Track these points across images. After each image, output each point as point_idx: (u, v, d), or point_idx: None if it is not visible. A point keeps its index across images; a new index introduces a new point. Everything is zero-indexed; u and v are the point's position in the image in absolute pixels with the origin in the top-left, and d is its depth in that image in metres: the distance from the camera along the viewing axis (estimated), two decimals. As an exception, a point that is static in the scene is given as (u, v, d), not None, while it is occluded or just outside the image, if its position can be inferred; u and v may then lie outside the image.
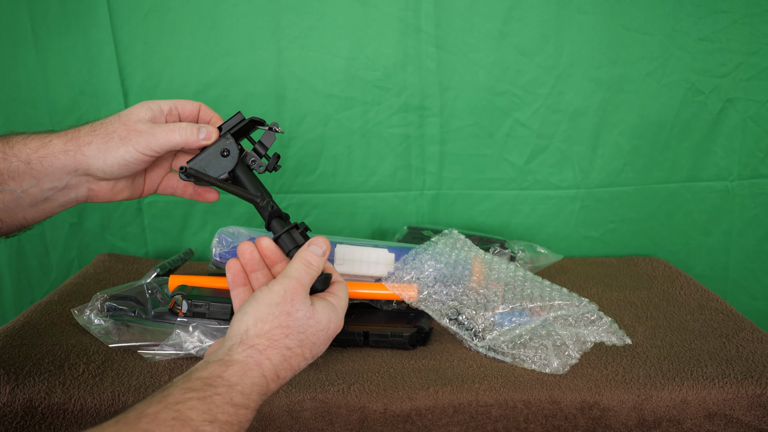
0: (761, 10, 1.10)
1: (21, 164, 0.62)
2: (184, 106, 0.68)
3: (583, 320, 0.83)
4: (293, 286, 0.58)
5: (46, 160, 0.63)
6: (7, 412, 0.69)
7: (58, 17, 1.07)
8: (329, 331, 0.59)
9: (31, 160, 0.62)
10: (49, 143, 0.63)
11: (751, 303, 1.25)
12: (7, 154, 0.62)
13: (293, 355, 0.56)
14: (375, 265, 0.90)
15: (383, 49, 1.11)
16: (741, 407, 0.73)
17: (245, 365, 0.52)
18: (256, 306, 0.56)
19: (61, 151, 0.63)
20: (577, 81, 1.12)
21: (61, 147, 0.63)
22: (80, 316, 0.84)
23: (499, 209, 1.20)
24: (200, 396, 0.48)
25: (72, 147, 0.63)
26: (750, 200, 1.19)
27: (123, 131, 0.63)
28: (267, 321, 0.55)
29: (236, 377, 0.51)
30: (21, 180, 0.63)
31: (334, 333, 0.60)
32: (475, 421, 0.72)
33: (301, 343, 0.56)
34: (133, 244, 1.20)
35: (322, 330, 0.58)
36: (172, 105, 0.67)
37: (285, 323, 0.56)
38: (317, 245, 0.62)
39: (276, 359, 0.54)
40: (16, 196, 0.63)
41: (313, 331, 0.57)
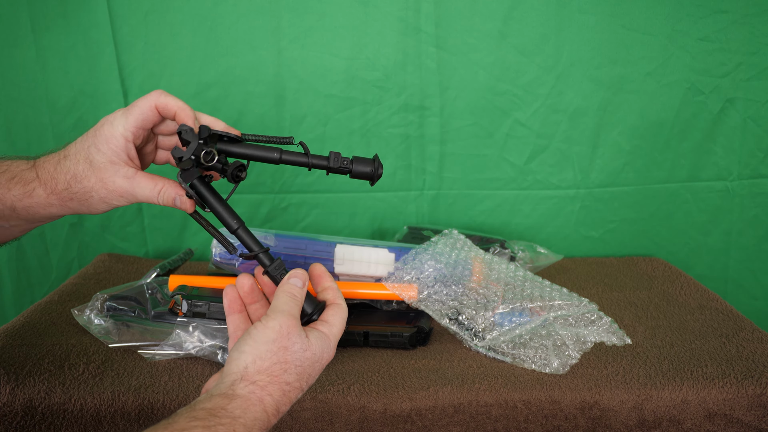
0: (761, 10, 1.10)
1: (5, 209, 0.62)
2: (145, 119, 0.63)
3: (583, 320, 0.83)
4: (288, 321, 0.58)
5: (32, 209, 0.63)
6: (7, 412, 0.69)
7: (58, 17, 1.07)
8: (322, 360, 0.60)
9: (17, 208, 0.62)
10: (33, 193, 0.62)
11: (751, 303, 1.25)
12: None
13: (292, 389, 0.56)
14: (375, 265, 0.90)
15: (383, 49, 1.11)
16: (741, 407, 0.73)
17: (248, 400, 0.53)
18: (253, 344, 0.57)
19: (45, 203, 0.63)
20: (577, 81, 1.12)
21: (44, 199, 0.62)
22: (80, 316, 0.84)
23: (499, 209, 1.20)
24: (205, 425, 0.49)
25: (54, 201, 0.62)
26: (750, 200, 1.19)
27: (102, 191, 0.62)
28: (266, 358, 0.56)
29: (239, 410, 0.52)
30: (8, 219, 0.63)
31: (327, 362, 0.61)
32: (475, 421, 0.72)
33: (299, 377, 0.57)
34: (133, 244, 1.20)
35: (317, 361, 0.59)
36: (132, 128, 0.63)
37: (283, 359, 0.56)
38: (297, 278, 0.63)
39: (277, 395, 0.55)
40: (5, 228, 0.65)
41: (310, 363, 0.58)
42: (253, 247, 0.64)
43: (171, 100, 0.64)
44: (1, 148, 1.12)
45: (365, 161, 0.65)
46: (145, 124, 0.63)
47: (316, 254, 0.90)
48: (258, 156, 0.65)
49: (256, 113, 1.13)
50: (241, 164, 0.64)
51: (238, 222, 0.64)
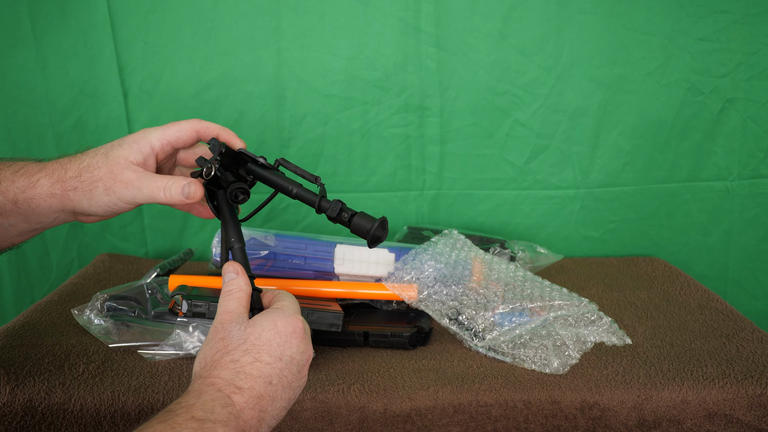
0: (761, 10, 1.10)
1: (8, 203, 0.62)
2: (179, 138, 0.66)
3: (583, 320, 0.83)
4: (222, 318, 0.58)
5: (33, 202, 0.62)
6: (7, 412, 0.69)
7: (58, 17, 1.07)
8: (279, 328, 0.57)
9: (18, 200, 0.62)
10: (36, 183, 0.62)
11: (751, 303, 1.25)
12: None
13: (245, 365, 0.54)
14: (375, 265, 0.90)
15: (383, 49, 1.11)
16: (741, 407, 0.73)
17: (199, 390, 0.53)
18: (198, 353, 0.58)
19: (48, 193, 0.62)
20: (577, 81, 1.12)
21: (47, 189, 0.62)
22: (80, 316, 0.84)
23: (499, 209, 1.20)
24: (161, 420, 0.49)
25: (58, 190, 0.62)
26: (750, 200, 1.19)
27: (108, 181, 0.62)
28: (207, 355, 0.56)
29: (193, 399, 0.51)
30: (8, 216, 0.63)
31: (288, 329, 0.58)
32: (475, 421, 0.72)
33: (247, 351, 0.55)
34: (133, 244, 1.20)
35: (267, 331, 0.57)
36: (164, 141, 0.65)
37: (222, 346, 0.56)
38: (227, 272, 0.62)
39: (226, 374, 0.54)
40: (4, 228, 0.64)
41: (255, 336, 0.56)
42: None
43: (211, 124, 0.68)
44: (1, 148, 1.12)
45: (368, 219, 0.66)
46: (178, 142, 0.66)
47: (316, 254, 0.90)
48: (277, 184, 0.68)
49: (256, 113, 1.13)
50: (241, 187, 0.66)
51: (239, 241, 0.65)
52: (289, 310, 0.60)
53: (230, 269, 0.62)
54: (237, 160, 0.68)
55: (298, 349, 0.58)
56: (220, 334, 0.57)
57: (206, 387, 0.53)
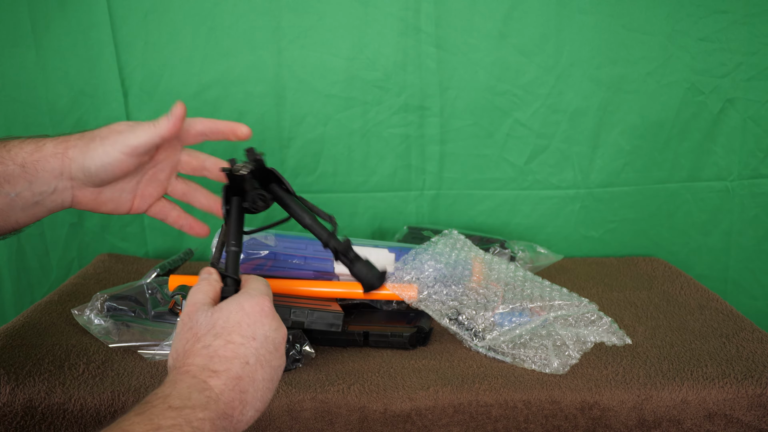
0: (761, 10, 1.10)
1: (17, 167, 0.64)
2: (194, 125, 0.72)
3: (583, 320, 0.83)
4: (188, 310, 0.58)
5: (39, 164, 0.65)
6: (7, 412, 0.69)
7: (58, 17, 1.07)
8: (246, 309, 0.56)
9: (26, 164, 0.64)
10: (43, 146, 0.65)
11: (751, 303, 1.25)
12: (4, 158, 0.64)
13: (218, 348, 0.53)
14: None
15: (383, 49, 1.11)
16: (741, 407, 0.73)
17: (174, 380, 0.52)
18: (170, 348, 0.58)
19: (52, 154, 0.65)
20: (577, 81, 1.12)
21: (51, 150, 0.65)
22: (80, 316, 0.84)
23: (499, 209, 1.20)
24: (138, 412, 0.48)
25: (60, 149, 0.65)
26: (750, 200, 1.19)
27: (105, 131, 0.66)
28: (179, 347, 0.55)
29: (168, 389, 0.51)
30: (15, 183, 0.64)
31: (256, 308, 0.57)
32: (475, 421, 0.72)
33: (217, 335, 0.54)
34: (133, 244, 1.20)
35: (235, 313, 0.56)
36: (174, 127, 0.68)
37: (191, 335, 0.55)
38: (201, 273, 0.63)
39: (199, 360, 0.53)
40: (10, 199, 0.65)
41: (224, 319, 0.55)
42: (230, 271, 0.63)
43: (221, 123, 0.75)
44: (1, 148, 1.12)
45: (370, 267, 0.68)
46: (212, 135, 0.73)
47: (316, 254, 0.90)
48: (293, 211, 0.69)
49: (256, 113, 1.13)
50: (262, 194, 0.66)
51: (237, 246, 0.65)
52: (255, 291, 0.59)
53: (204, 270, 0.63)
54: (266, 177, 0.70)
55: (271, 326, 0.57)
56: (188, 324, 0.56)
57: (181, 375, 0.52)
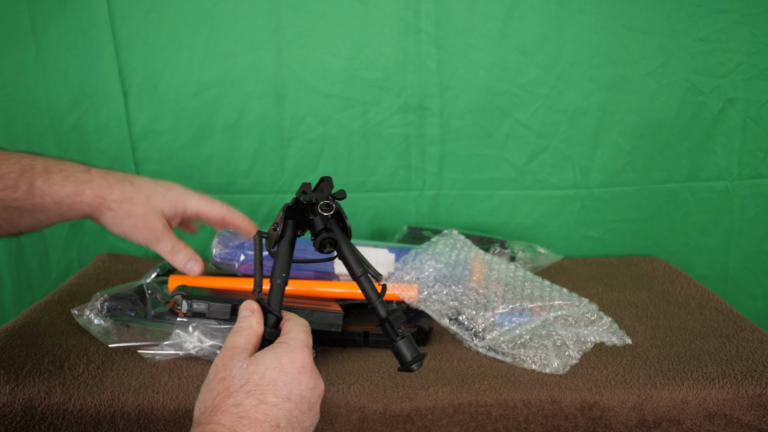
0: (761, 10, 1.10)
1: (53, 203, 0.69)
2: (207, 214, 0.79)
3: (583, 320, 0.83)
4: (224, 355, 0.55)
5: (74, 207, 0.71)
6: (7, 412, 0.69)
7: (58, 17, 1.07)
8: (284, 366, 0.53)
9: (62, 204, 0.70)
10: (82, 193, 0.71)
11: (751, 303, 1.25)
12: (45, 192, 0.69)
13: (249, 408, 0.50)
14: (376, 266, 0.89)
15: (383, 49, 1.11)
16: (741, 407, 0.73)
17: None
18: (200, 394, 0.54)
19: (88, 203, 0.71)
20: (577, 81, 1.12)
21: (89, 199, 0.71)
22: (80, 316, 0.84)
23: (499, 209, 1.20)
24: None
25: (96, 203, 0.71)
26: (750, 200, 1.19)
27: (141, 222, 0.73)
28: (208, 399, 0.52)
29: None
30: (48, 213, 0.70)
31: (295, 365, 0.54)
32: (475, 421, 0.72)
33: (250, 393, 0.51)
34: (133, 244, 1.18)
35: (272, 369, 0.53)
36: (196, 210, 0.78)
37: (223, 388, 0.52)
38: (243, 309, 0.60)
39: (227, 419, 0.49)
40: (38, 221, 0.71)
41: (259, 375, 0.52)
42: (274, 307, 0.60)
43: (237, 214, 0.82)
44: (1, 148, 1.12)
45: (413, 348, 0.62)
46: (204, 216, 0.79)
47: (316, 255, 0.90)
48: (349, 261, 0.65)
49: (256, 113, 1.13)
50: (332, 238, 0.63)
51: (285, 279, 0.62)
52: (296, 343, 0.56)
53: (246, 307, 0.60)
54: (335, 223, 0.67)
55: (308, 385, 0.54)
56: (221, 374, 0.53)
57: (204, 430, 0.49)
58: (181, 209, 0.77)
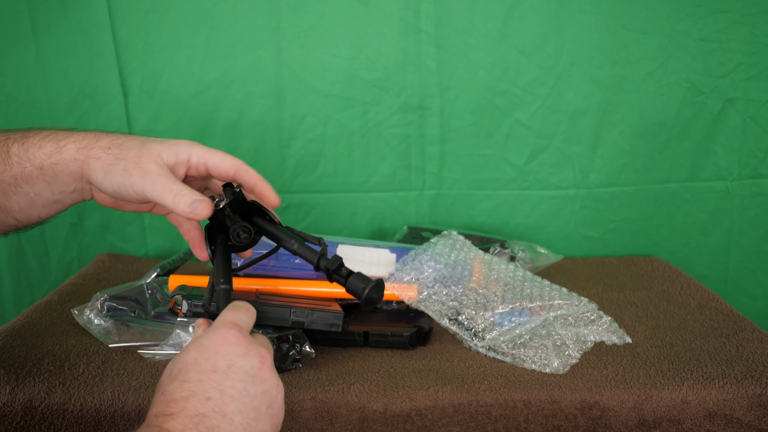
0: (761, 10, 1.10)
1: (34, 169, 0.63)
2: (217, 165, 0.65)
3: (583, 320, 0.83)
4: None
5: (57, 167, 0.63)
6: (7, 412, 0.69)
7: (58, 17, 1.07)
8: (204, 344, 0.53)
9: (44, 166, 0.63)
10: (63, 148, 0.63)
11: (751, 303, 1.25)
12: (22, 159, 0.63)
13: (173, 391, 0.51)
14: (377, 266, 0.90)
15: (383, 49, 1.11)
16: (741, 407, 0.73)
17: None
18: None
19: (72, 159, 0.62)
20: (577, 81, 1.12)
21: (72, 154, 0.63)
22: (80, 316, 0.84)
23: (499, 209, 1.20)
24: None
25: (82, 155, 0.62)
26: (750, 200, 1.19)
27: (131, 163, 0.61)
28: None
29: None
30: (34, 184, 0.63)
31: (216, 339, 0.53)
32: (475, 421, 0.72)
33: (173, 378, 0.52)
34: (133, 244, 1.20)
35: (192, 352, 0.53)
36: (203, 160, 0.65)
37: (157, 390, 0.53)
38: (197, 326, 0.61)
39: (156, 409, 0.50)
40: (30, 198, 0.64)
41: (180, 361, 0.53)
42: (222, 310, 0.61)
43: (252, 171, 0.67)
44: (1, 148, 1.12)
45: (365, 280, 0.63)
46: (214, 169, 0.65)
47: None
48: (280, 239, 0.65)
49: (256, 113, 1.13)
50: (245, 227, 0.64)
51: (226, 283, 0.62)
52: (217, 323, 0.56)
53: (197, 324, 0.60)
54: (248, 210, 0.68)
55: (236, 354, 0.53)
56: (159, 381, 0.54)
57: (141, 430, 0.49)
58: (185, 157, 0.64)
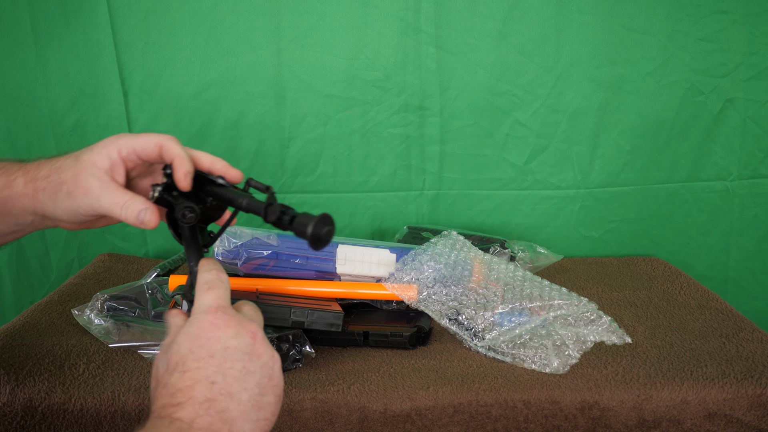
0: (761, 10, 1.10)
1: None
2: (143, 149, 0.61)
3: (583, 320, 0.83)
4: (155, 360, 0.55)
5: (9, 202, 0.61)
6: (7, 412, 0.69)
7: (58, 17, 1.07)
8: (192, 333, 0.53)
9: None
10: (13, 182, 0.61)
11: (751, 303, 1.25)
12: None
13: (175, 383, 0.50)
14: (377, 266, 0.90)
15: (383, 49, 1.11)
16: (741, 407, 0.73)
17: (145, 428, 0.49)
18: None
19: (22, 193, 0.61)
20: (577, 81, 1.12)
21: (21, 189, 0.60)
22: (80, 316, 0.84)
23: (499, 209, 1.20)
24: None
25: (29, 190, 0.60)
26: (750, 200, 1.19)
27: (72, 184, 0.59)
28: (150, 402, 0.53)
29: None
30: None
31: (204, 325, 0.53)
32: (475, 421, 0.72)
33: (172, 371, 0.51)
34: (133, 244, 1.20)
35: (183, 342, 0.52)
36: (130, 149, 0.61)
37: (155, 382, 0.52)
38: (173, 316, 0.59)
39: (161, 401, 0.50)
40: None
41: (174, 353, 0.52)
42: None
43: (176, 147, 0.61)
44: (2, 148, 1.12)
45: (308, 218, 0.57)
46: (142, 153, 0.61)
47: (317, 254, 0.90)
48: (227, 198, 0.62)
49: (256, 113, 1.13)
50: (188, 206, 0.61)
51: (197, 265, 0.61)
52: (199, 309, 0.55)
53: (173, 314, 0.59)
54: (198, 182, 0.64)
55: (227, 335, 0.52)
56: (152, 374, 0.54)
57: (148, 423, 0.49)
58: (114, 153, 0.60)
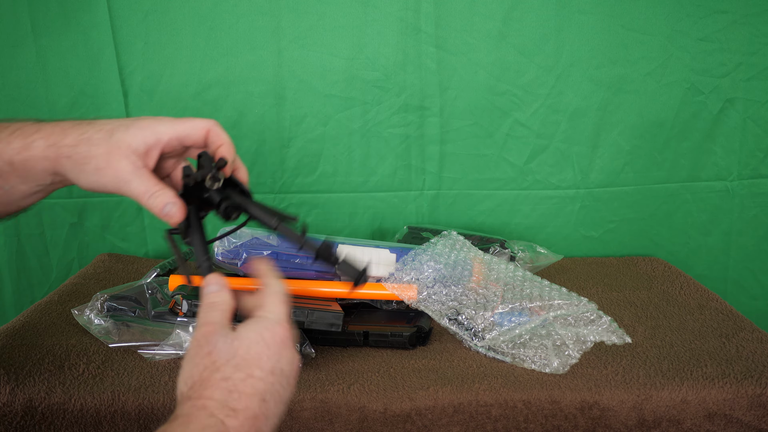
0: (761, 10, 1.10)
1: (4, 164, 0.60)
2: (189, 135, 0.62)
3: (583, 320, 0.83)
4: (204, 330, 0.54)
5: (28, 163, 0.60)
6: (7, 412, 0.69)
7: (58, 17, 1.07)
8: (267, 340, 0.53)
9: (14, 162, 0.60)
10: (32, 145, 0.60)
11: (751, 303, 1.25)
12: None
13: (237, 382, 0.51)
14: (377, 266, 0.90)
15: (383, 49, 1.11)
16: (741, 407, 0.73)
17: (188, 415, 0.49)
18: (182, 368, 0.53)
19: (42, 156, 0.60)
20: (577, 81, 1.12)
21: (41, 152, 0.59)
22: (80, 316, 0.84)
23: (499, 209, 1.20)
24: None
25: (51, 154, 0.60)
26: (750, 200, 1.19)
27: (103, 162, 0.59)
28: (194, 373, 0.51)
29: (181, 428, 0.48)
30: (7, 178, 0.61)
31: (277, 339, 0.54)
32: (475, 421, 0.72)
33: (237, 367, 0.51)
34: (133, 244, 1.20)
35: (256, 344, 0.53)
36: (174, 136, 0.61)
37: (210, 362, 0.52)
38: (212, 284, 0.58)
39: (218, 395, 0.50)
40: (5, 191, 0.61)
41: (245, 350, 0.52)
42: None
43: (223, 133, 0.63)
44: (1, 148, 1.12)
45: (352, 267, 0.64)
46: (188, 139, 0.62)
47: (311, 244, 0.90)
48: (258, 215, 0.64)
49: (256, 113, 1.13)
50: (237, 204, 0.63)
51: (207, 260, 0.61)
52: (276, 317, 0.56)
53: (213, 281, 0.58)
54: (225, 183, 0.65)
55: (288, 359, 0.54)
56: (205, 348, 0.52)
57: (196, 411, 0.49)
58: (152, 139, 0.60)
